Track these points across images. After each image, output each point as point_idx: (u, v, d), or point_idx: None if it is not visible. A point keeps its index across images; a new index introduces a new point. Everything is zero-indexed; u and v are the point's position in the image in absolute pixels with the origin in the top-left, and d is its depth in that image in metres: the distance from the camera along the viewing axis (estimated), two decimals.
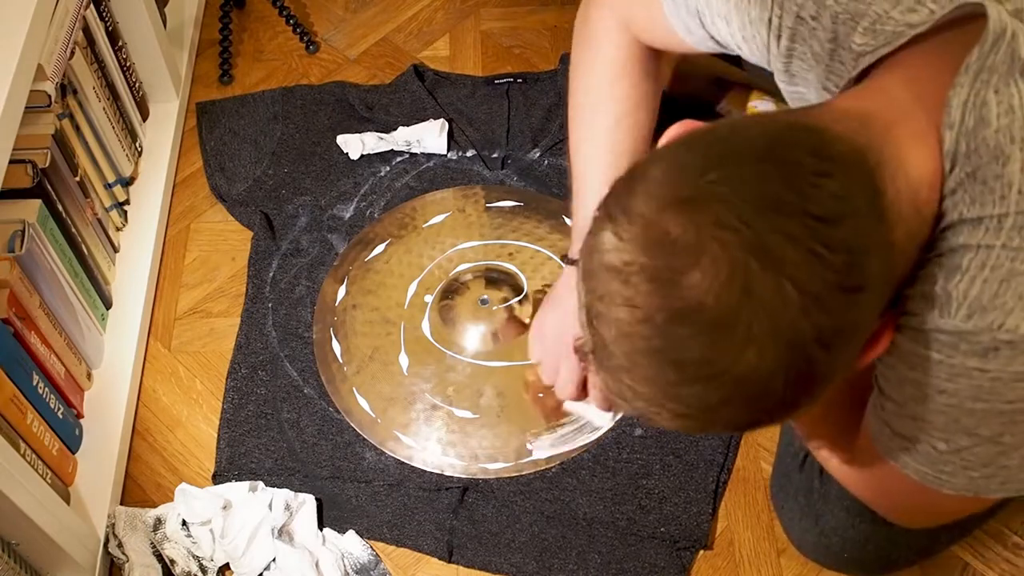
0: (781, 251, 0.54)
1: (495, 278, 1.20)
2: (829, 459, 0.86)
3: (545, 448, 1.11)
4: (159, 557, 1.03)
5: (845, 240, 0.55)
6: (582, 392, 1.01)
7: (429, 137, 1.35)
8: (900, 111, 0.62)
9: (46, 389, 1.02)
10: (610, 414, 1.09)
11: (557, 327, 1.00)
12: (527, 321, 1.17)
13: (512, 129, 1.39)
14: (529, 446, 1.11)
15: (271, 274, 1.26)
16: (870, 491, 0.81)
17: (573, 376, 0.99)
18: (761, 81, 1.17)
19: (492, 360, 1.15)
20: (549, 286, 1.19)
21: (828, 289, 0.55)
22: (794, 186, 0.55)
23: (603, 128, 0.94)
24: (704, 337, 0.56)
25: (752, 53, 0.75)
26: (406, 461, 1.11)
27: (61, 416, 1.05)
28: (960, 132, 0.61)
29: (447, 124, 1.37)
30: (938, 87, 0.62)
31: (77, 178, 1.13)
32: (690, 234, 0.54)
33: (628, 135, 0.94)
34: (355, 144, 1.35)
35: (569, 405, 1.07)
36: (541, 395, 1.12)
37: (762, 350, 0.55)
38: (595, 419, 1.10)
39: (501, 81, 1.44)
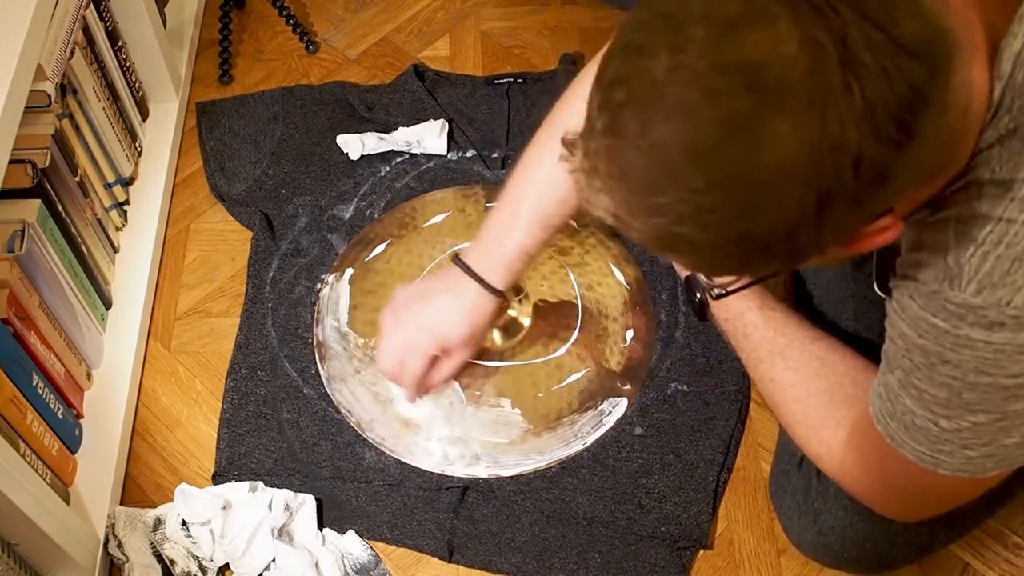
0: (860, 53, 0.51)
1: None
2: (819, 458, 0.86)
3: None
4: (159, 557, 1.03)
5: (914, 77, 0.53)
6: (421, 389, 1.10)
7: (429, 137, 1.35)
8: (967, 22, 0.60)
9: (46, 389, 1.02)
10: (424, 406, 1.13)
11: (414, 323, 1.05)
12: (525, 321, 1.17)
13: (512, 129, 1.39)
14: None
15: (271, 274, 1.26)
16: (862, 479, 0.82)
17: (416, 371, 1.06)
18: None
19: (492, 360, 1.15)
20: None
21: (887, 113, 0.53)
22: (888, 7, 0.53)
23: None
24: (747, 99, 0.52)
25: None
26: (406, 461, 1.11)
27: (61, 416, 1.05)
28: (1008, 85, 0.60)
29: (447, 124, 1.37)
30: (995, 29, 0.61)
31: (77, 178, 1.13)
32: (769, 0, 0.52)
33: None
34: (355, 144, 1.35)
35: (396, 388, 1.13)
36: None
37: (802, 140, 0.52)
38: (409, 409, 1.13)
39: (501, 81, 1.44)
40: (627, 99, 0.55)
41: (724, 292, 0.93)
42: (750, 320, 0.95)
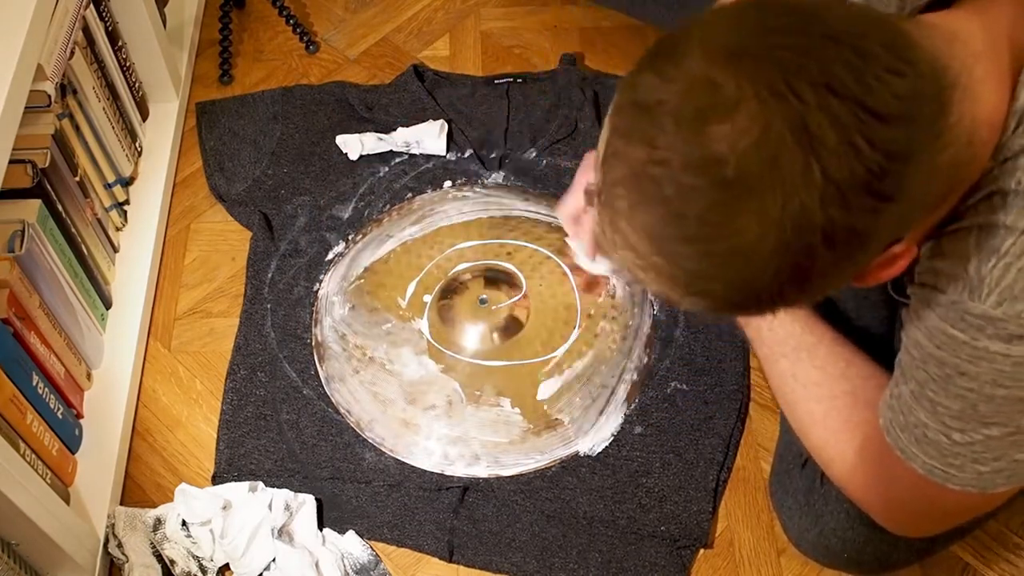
0: (821, 133, 0.52)
1: (494, 277, 1.20)
2: (831, 462, 0.86)
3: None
4: (159, 557, 1.03)
5: (891, 143, 0.54)
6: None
7: (428, 138, 1.35)
8: (983, 46, 0.61)
9: (46, 389, 1.02)
10: (602, 264, 1.07)
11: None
12: (525, 321, 1.17)
13: (511, 129, 1.38)
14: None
15: (270, 275, 1.26)
16: (870, 489, 0.81)
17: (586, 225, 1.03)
18: None
19: (492, 360, 1.15)
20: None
21: (855, 186, 0.54)
22: (859, 73, 0.53)
23: None
24: (714, 194, 0.54)
25: None
26: (406, 461, 1.11)
27: (61, 416, 1.05)
28: None
29: (446, 125, 1.37)
30: (1016, 37, 0.61)
31: (77, 178, 1.13)
32: (734, 88, 0.53)
33: None
34: (354, 144, 1.35)
35: (571, 243, 1.06)
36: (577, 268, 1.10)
37: (766, 225, 0.54)
38: (590, 266, 1.08)
39: (501, 81, 1.44)
40: (617, 179, 0.58)
41: None
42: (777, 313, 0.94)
